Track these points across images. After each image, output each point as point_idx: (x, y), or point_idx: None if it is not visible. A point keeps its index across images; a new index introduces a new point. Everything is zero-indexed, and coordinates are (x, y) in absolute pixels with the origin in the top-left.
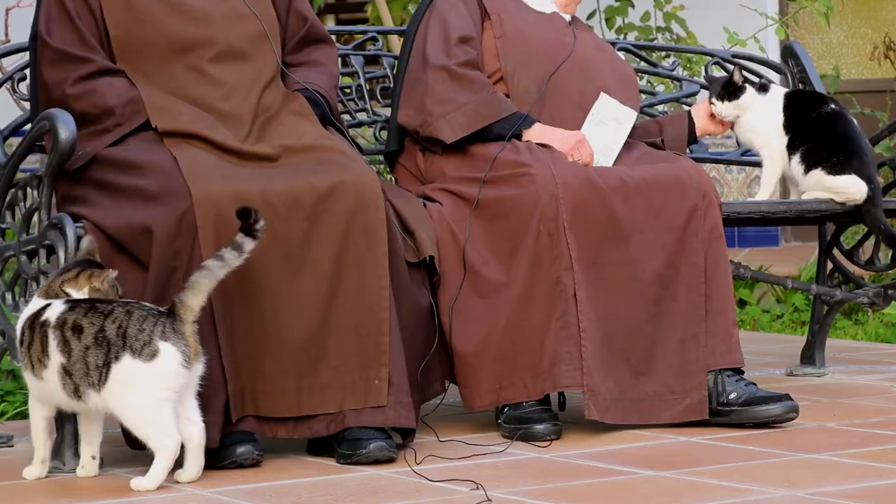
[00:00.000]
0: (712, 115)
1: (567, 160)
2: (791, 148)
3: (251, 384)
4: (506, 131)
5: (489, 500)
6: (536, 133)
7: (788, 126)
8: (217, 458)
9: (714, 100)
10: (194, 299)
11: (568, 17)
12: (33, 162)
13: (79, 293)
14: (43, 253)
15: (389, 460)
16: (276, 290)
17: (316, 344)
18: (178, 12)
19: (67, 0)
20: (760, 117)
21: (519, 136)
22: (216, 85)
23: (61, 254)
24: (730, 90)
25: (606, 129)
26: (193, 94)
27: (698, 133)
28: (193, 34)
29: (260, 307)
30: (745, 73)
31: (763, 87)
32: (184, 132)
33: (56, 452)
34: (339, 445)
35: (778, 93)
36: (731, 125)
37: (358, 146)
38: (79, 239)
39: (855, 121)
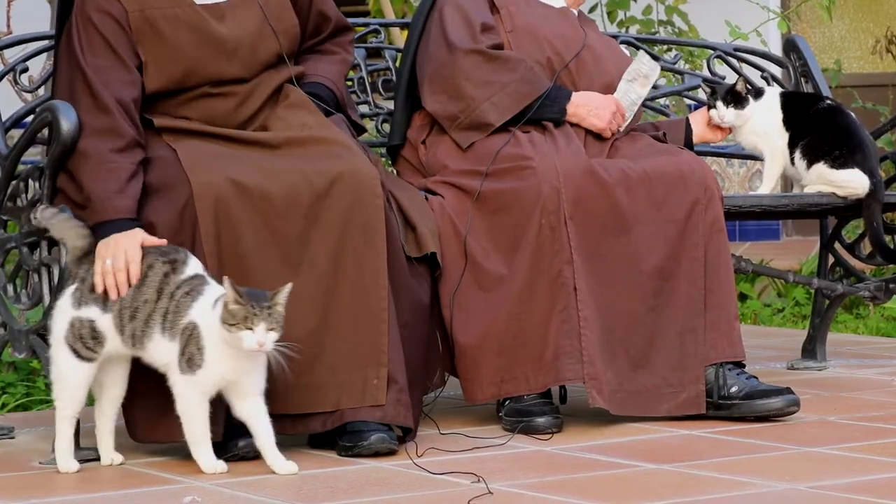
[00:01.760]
0: (710, 123)
1: (569, 152)
2: (792, 145)
3: None
4: (553, 113)
5: (490, 492)
6: (581, 100)
7: (788, 123)
8: (219, 451)
9: (718, 103)
10: None
11: (575, 13)
12: (35, 154)
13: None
14: (45, 245)
15: (391, 452)
16: (273, 287)
17: (313, 342)
18: (211, 44)
19: (100, 24)
20: (759, 120)
21: (564, 114)
22: (229, 103)
23: (63, 246)
24: (736, 98)
25: (634, 85)
26: (205, 108)
27: (695, 140)
28: (224, 73)
29: None
30: (746, 75)
31: (758, 93)
32: (180, 128)
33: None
34: (340, 438)
35: (773, 93)
36: (729, 131)
37: (360, 126)
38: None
39: (853, 114)
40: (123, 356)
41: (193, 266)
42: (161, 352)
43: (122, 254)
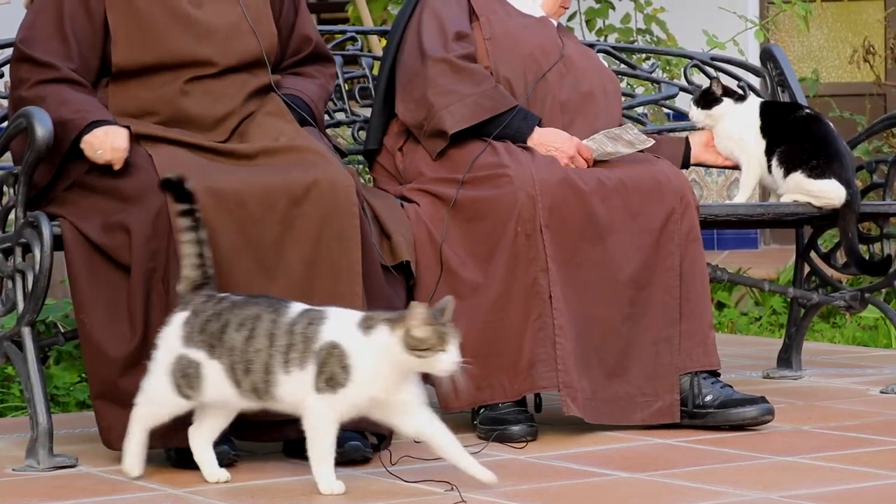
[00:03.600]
0: (709, 145)
1: (545, 161)
2: (769, 153)
3: None
4: (509, 133)
5: (463, 501)
6: (540, 138)
7: (765, 131)
8: (192, 458)
9: (692, 105)
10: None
11: (554, 23)
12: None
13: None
14: (19, 251)
15: (365, 460)
16: (247, 293)
17: None
18: (183, 23)
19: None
20: (735, 125)
21: (523, 139)
22: (203, 100)
23: (37, 252)
24: (707, 99)
25: (616, 144)
26: (178, 105)
27: (692, 160)
28: (195, 53)
29: None
30: (727, 84)
31: (741, 97)
32: (157, 136)
33: (30, 451)
34: None
35: (754, 101)
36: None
37: (340, 150)
38: (55, 238)
39: (831, 124)
40: (239, 407)
41: (297, 306)
42: (291, 388)
43: (109, 147)
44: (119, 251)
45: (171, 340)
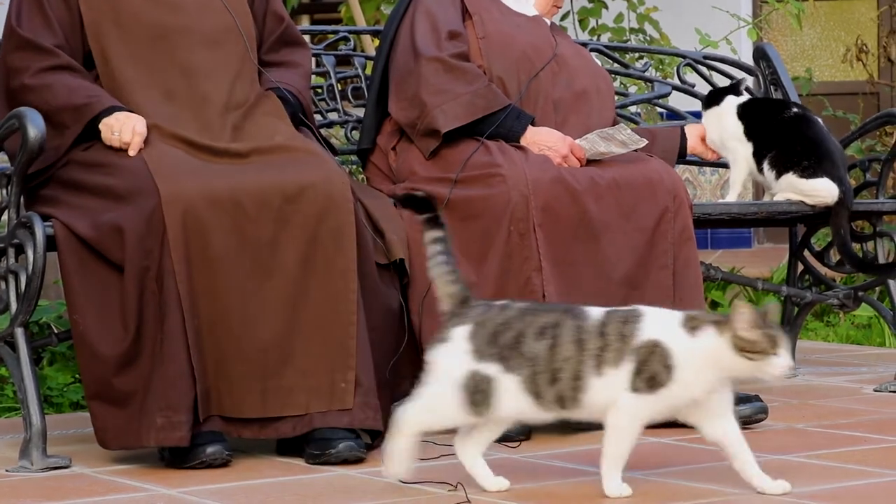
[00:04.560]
0: (704, 138)
1: (538, 160)
2: (758, 155)
3: (216, 384)
4: (502, 132)
5: (469, 500)
6: (533, 137)
7: (749, 134)
8: (186, 458)
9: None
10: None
11: (548, 22)
12: (2, 160)
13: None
14: (12, 252)
15: (358, 460)
16: (243, 292)
17: (282, 346)
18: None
19: None
20: (713, 128)
21: (516, 138)
22: (188, 74)
23: (30, 253)
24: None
25: (609, 143)
26: (165, 83)
27: (688, 151)
28: (168, 22)
29: (226, 308)
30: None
31: (714, 100)
32: (153, 126)
33: (23, 452)
34: (307, 445)
35: (730, 102)
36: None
37: (331, 147)
38: (48, 238)
39: (821, 122)
40: (533, 419)
41: (596, 309)
42: (604, 391)
43: (130, 127)
44: (112, 251)
45: (455, 356)
